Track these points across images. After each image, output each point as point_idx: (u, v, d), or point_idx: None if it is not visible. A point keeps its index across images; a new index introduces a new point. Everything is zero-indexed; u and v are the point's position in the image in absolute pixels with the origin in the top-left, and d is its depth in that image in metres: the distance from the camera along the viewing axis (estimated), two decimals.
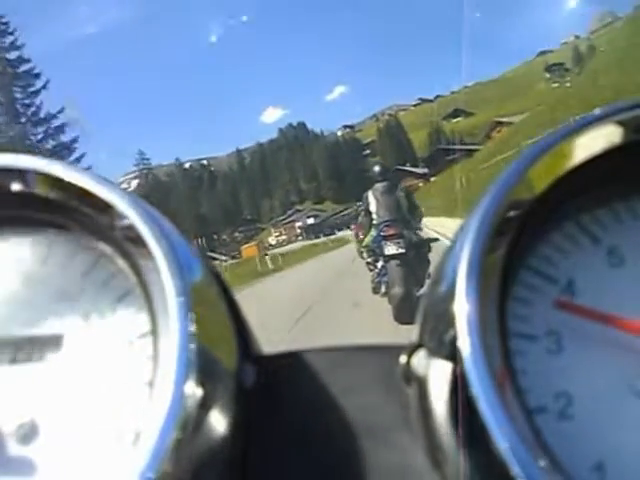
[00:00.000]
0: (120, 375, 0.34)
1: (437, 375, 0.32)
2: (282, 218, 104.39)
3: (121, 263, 0.37)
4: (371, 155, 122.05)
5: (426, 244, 5.50)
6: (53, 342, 0.36)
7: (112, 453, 0.32)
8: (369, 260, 5.99)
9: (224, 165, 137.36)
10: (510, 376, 0.29)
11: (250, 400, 0.37)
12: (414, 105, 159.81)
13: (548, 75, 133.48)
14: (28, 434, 0.33)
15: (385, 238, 5.26)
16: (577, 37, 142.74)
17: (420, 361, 0.35)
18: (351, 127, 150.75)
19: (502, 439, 0.27)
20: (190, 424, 0.29)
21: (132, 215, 0.34)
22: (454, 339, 0.30)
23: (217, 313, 0.36)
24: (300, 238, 79.52)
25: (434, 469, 0.34)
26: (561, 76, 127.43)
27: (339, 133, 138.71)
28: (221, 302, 0.38)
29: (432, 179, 76.62)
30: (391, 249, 5.22)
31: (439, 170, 75.91)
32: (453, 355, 0.30)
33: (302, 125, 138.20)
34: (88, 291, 0.37)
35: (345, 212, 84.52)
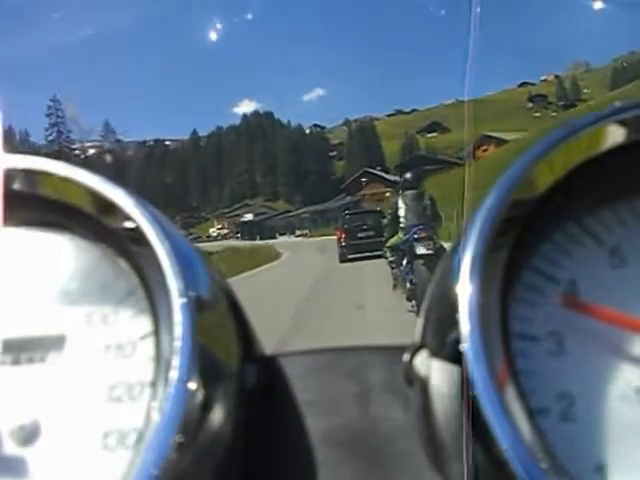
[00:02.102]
0: (122, 376, 0.34)
1: (439, 376, 0.33)
2: (228, 210, 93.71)
3: (124, 264, 0.37)
4: (337, 158, 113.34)
5: (444, 249, 6.03)
6: (55, 343, 0.35)
7: (115, 454, 0.32)
8: (392, 259, 7.28)
9: (178, 146, 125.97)
10: (512, 377, 0.29)
11: (252, 400, 0.37)
12: (389, 115, 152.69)
13: (530, 104, 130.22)
14: (30, 435, 0.33)
15: (417, 240, 6.10)
16: (557, 77, 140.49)
17: (422, 362, 0.35)
18: (321, 127, 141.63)
19: (504, 440, 0.27)
20: (192, 424, 0.29)
21: (136, 216, 0.34)
22: (456, 340, 0.30)
23: (219, 313, 0.36)
24: (239, 235, 69.24)
25: (437, 470, 0.34)
26: (544, 107, 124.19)
27: (307, 131, 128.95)
28: (223, 302, 0.38)
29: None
30: (422, 250, 6.02)
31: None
32: (455, 356, 0.30)
33: (269, 114, 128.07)
34: (91, 292, 0.37)
35: (293, 213, 74.92)
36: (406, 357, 0.37)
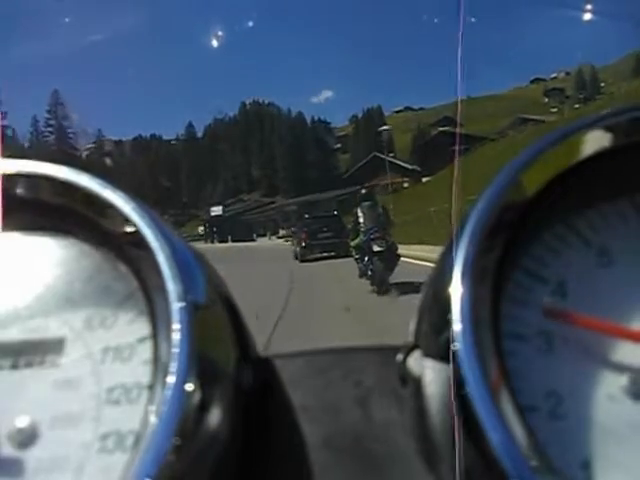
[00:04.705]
0: (120, 378, 0.34)
1: (432, 375, 0.33)
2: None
3: (123, 267, 0.37)
4: (342, 151, 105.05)
5: (395, 245, 9.08)
6: (54, 346, 0.36)
7: (113, 456, 0.32)
8: (357, 256, 9.64)
9: (175, 141, 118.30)
10: (503, 375, 0.30)
11: (249, 401, 0.37)
12: (397, 112, 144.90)
13: (546, 99, 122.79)
14: (28, 438, 0.33)
15: (373, 240, 8.77)
16: (568, 73, 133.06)
17: (415, 362, 0.35)
18: (327, 123, 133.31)
19: (495, 438, 0.27)
20: (189, 426, 0.29)
21: (136, 219, 0.34)
22: (449, 340, 0.30)
23: (216, 316, 0.37)
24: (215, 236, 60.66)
25: (429, 470, 0.35)
26: (560, 102, 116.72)
27: (310, 124, 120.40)
28: (220, 304, 0.38)
29: (424, 179, 57.52)
30: (377, 247, 8.73)
31: (436, 166, 55.62)
32: (448, 355, 0.30)
33: (269, 103, 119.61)
34: (90, 295, 0.37)
35: (276, 205, 66.34)
36: (399, 357, 0.37)
